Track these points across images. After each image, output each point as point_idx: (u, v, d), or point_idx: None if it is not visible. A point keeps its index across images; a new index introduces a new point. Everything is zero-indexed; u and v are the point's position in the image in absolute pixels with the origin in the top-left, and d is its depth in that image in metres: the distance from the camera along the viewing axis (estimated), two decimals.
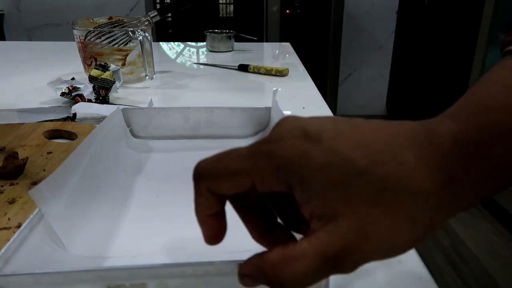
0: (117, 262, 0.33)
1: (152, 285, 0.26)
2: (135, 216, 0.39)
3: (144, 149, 0.54)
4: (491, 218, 1.78)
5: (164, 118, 0.56)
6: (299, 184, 0.21)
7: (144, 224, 0.39)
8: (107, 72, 0.76)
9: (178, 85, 0.92)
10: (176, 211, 0.40)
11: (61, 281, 0.26)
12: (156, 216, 0.40)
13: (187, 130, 0.40)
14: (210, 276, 0.26)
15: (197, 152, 0.52)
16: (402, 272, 0.33)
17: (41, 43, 1.47)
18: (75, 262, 0.32)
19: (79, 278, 0.26)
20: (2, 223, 0.37)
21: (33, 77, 0.94)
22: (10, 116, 0.66)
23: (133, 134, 0.56)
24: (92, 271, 0.26)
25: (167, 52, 1.33)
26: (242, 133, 0.58)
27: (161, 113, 0.57)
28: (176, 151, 0.54)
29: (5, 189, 0.43)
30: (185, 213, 0.32)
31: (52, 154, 0.51)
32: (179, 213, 0.38)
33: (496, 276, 1.46)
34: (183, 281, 0.26)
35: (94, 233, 0.36)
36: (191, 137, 0.57)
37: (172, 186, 0.45)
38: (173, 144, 0.56)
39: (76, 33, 0.87)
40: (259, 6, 2.48)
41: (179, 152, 0.54)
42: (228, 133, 0.57)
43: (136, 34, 0.85)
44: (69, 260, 0.32)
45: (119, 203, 0.41)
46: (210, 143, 0.27)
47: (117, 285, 0.26)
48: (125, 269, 0.26)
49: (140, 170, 0.48)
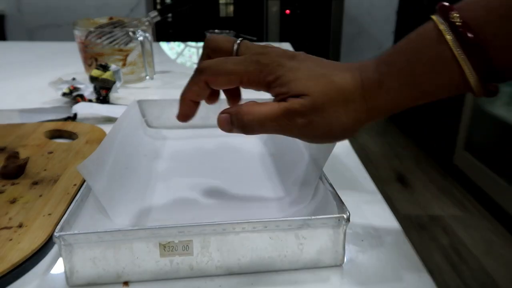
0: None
1: (197, 242, 0.31)
2: (161, 192, 0.44)
3: (159, 137, 0.59)
4: (491, 218, 1.78)
5: (176, 110, 0.59)
6: (273, 81, 0.32)
7: (170, 198, 0.43)
8: (108, 72, 0.76)
9: (178, 85, 0.92)
10: (195, 186, 0.45)
11: (120, 238, 0.30)
12: (179, 191, 0.45)
13: (197, 120, 0.45)
14: (246, 232, 0.31)
15: (208, 140, 0.58)
16: (402, 272, 0.33)
17: (42, 44, 1.47)
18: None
19: (136, 235, 0.30)
20: (3, 223, 0.37)
21: (34, 78, 0.94)
22: (11, 116, 0.66)
23: (147, 124, 0.61)
24: (147, 229, 0.30)
25: (167, 52, 1.33)
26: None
27: (173, 104, 0.60)
28: (188, 138, 0.58)
29: (6, 188, 0.43)
30: (202, 188, 0.44)
31: (53, 154, 0.52)
32: (198, 188, 0.45)
33: (495, 276, 1.46)
34: (223, 237, 0.31)
35: (130, 206, 0.41)
36: (201, 126, 0.60)
37: (189, 167, 0.51)
38: (185, 133, 0.60)
39: (76, 34, 0.87)
40: (259, 6, 2.48)
41: (191, 139, 0.58)
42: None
43: (136, 34, 0.85)
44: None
45: (146, 181, 0.46)
46: (219, 132, 0.33)
47: (167, 242, 0.31)
48: (175, 227, 0.30)
49: (158, 155, 0.54)
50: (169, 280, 0.32)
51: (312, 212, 0.39)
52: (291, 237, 0.32)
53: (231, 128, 0.33)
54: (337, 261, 0.34)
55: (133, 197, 0.42)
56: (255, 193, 0.44)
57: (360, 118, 0.32)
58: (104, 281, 0.31)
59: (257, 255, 0.32)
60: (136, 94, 0.83)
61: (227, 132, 0.34)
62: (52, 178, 0.45)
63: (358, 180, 0.49)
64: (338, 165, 0.52)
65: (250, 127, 0.32)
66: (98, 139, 0.56)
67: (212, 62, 0.34)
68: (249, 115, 0.32)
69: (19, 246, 0.34)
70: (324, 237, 0.32)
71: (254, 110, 0.32)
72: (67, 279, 0.31)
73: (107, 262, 0.31)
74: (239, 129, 0.33)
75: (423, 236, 1.68)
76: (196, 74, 0.34)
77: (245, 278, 0.33)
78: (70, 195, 0.42)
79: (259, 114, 0.32)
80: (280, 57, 0.33)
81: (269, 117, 0.32)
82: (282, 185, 0.45)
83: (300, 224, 0.32)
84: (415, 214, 1.84)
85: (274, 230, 0.32)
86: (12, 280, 0.32)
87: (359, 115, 0.32)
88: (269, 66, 0.32)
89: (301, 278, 0.33)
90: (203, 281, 0.32)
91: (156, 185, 0.46)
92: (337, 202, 0.34)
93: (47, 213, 0.39)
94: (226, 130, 0.34)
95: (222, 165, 0.51)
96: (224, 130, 0.34)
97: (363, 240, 0.37)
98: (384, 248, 0.36)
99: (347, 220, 0.32)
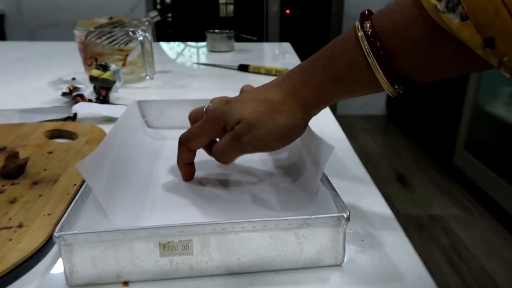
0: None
1: (197, 241, 0.31)
2: (160, 192, 0.44)
3: (159, 137, 0.59)
4: (491, 218, 1.78)
5: (176, 110, 0.62)
6: (225, 125, 0.40)
7: (169, 198, 0.43)
8: (108, 72, 0.76)
9: (178, 85, 0.92)
10: (195, 186, 0.46)
11: (120, 238, 0.30)
12: (178, 191, 0.45)
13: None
14: (246, 232, 0.31)
15: None
16: (402, 272, 0.33)
17: (42, 43, 1.47)
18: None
19: (136, 235, 0.30)
20: (3, 223, 0.37)
21: (34, 77, 0.94)
22: (11, 116, 0.66)
23: (147, 124, 0.61)
24: (147, 228, 0.30)
25: (167, 52, 1.33)
26: None
27: (173, 104, 0.62)
28: None
29: (6, 188, 0.43)
30: (202, 188, 0.45)
31: (52, 154, 0.52)
32: (198, 188, 0.46)
33: (495, 276, 1.46)
34: (223, 237, 0.31)
35: (130, 205, 0.41)
36: None
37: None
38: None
39: (76, 33, 0.87)
40: (259, 6, 2.48)
41: None
42: None
43: (136, 34, 0.85)
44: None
45: (145, 181, 0.46)
46: None
47: (167, 242, 0.31)
48: (175, 227, 0.30)
49: (158, 155, 0.54)
50: (169, 280, 0.32)
51: (312, 211, 0.39)
52: (291, 236, 0.32)
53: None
54: (337, 260, 0.33)
55: (132, 197, 0.42)
56: (255, 194, 0.44)
57: (296, 114, 0.38)
58: (104, 281, 0.31)
59: (257, 254, 0.32)
60: (136, 94, 0.83)
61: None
62: (52, 178, 0.45)
63: (358, 180, 0.49)
64: (338, 165, 0.52)
65: (219, 158, 0.42)
66: (98, 139, 0.56)
67: (185, 133, 0.44)
68: (215, 150, 0.42)
69: (19, 246, 0.34)
70: (324, 236, 0.32)
71: (216, 146, 0.42)
72: (67, 279, 0.31)
73: (107, 262, 0.31)
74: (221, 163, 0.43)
75: (423, 236, 1.68)
76: (179, 146, 0.45)
77: (245, 278, 0.32)
78: (70, 195, 0.42)
79: (219, 146, 0.41)
80: (223, 105, 0.41)
81: (225, 145, 0.40)
82: (283, 186, 0.45)
83: (300, 223, 0.32)
84: (415, 214, 1.84)
85: (274, 229, 0.32)
86: (12, 280, 0.32)
87: (295, 113, 0.38)
88: (218, 117, 0.41)
89: (301, 277, 0.33)
90: (203, 281, 0.32)
91: (155, 185, 0.46)
92: (337, 202, 0.34)
93: (47, 213, 0.38)
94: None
95: (222, 165, 0.51)
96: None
97: (363, 240, 0.37)
98: (384, 248, 0.36)
99: (347, 219, 0.32)
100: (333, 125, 0.67)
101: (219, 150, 0.41)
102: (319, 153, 0.39)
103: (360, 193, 0.46)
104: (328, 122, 0.68)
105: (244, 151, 0.40)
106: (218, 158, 0.42)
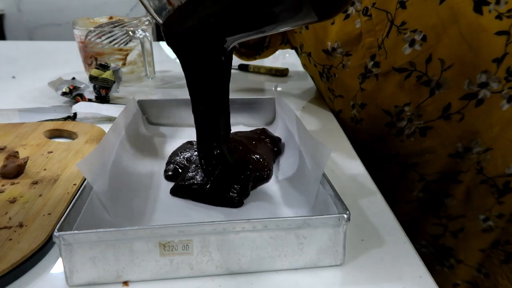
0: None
1: (197, 241, 0.31)
2: (160, 191, 0.44)
3: (159, 134, 0.60)
4: None
5: (175, 108, 0.62)
6: None
7: (170, 198, 0.43)
8: (108, 72, 0.76)
9: (178, 85, 0.92)
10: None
11: (120, 237, 0.30)
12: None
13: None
14: (246, 232, 0.31)
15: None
16: (402, 272, 0.33)
17: (42, 43, 1.47)
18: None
19: (136, 235, 0.30)
20: (3, 222, 0.37)
21: (33, 77, 0.94)
22: (11, 116, 0.66)
23: (148, 121, 0.62)
24: (147, 228, 0.30)
25: (167, 51, 1.33)
26: (247, 122, 0.62)
27: (172, 103, 0.62)
28: (188, 138, 0.57)
29: (6, 188, 0.43)
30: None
31: (52, 154, 0.52)
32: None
33: None
34: (223, 237, 0.31)
35: (130, 205, 0.41)
36: None
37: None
38: (185, 132, 0.60)
39: (76, 33, 0.87)
40: None
41: (191, 139, 0.58)
42: (235, 121, 0.59)
43: (136, 33, 0.85)
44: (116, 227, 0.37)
45: (146, 180, 0.46)
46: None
47: (167, 242, 0.31)
48: (175, 227, 0.30)
49: (158, 152, 0.54)
50: (169, 280, 0.32)
51: (313, 211, 0.39)
52: (291, 236, 0.32)
53: None
54: (337, 261, 0.33)
55: (132, 196, 0.42)
56: (255, 194, 0.44)
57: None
58: (104, 281, 0.31)
59: (257, 254, 0.32)
60: (136, 93, 0.83)
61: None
62: (52, 178, 0.45)
63: (358, 180, 0.49)
64: (338, 165, 0.52)
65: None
66: (98, 139, 0.56)
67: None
68: None
69: (18, 246, 0.34)
70: (324, 236, 0.32)
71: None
72: (66, 279, 0.31)
73: (107, 261, 0.31)
74: None
75: None
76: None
77: (245, 278, 0.32)
78: (70, 195, 0.42)
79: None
80: None
81: None
82: (283, 186, 0.45)
83: (300, 223, 0.32)
84: None
85: (274, 229, 0.32)
86: (12, 280, 0.32)
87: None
88: None
89: (301, 277, 0.33)
90: (203, 280, 0.32)
91: (156, 184, 0.46)
92: (337, 202, 0.34)
93: (47, 212, 0.38)
94: None
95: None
96: None
97: (363, 240, 0.37)
98: (384, 248, 0.36)
99: (347, 219, 0.32)
100: (334, 125, 0.67)
101: None
102: (318, 155, 0.39)
103: (360, 193, 0.46)
104: (328, 122, 0.68)
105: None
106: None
